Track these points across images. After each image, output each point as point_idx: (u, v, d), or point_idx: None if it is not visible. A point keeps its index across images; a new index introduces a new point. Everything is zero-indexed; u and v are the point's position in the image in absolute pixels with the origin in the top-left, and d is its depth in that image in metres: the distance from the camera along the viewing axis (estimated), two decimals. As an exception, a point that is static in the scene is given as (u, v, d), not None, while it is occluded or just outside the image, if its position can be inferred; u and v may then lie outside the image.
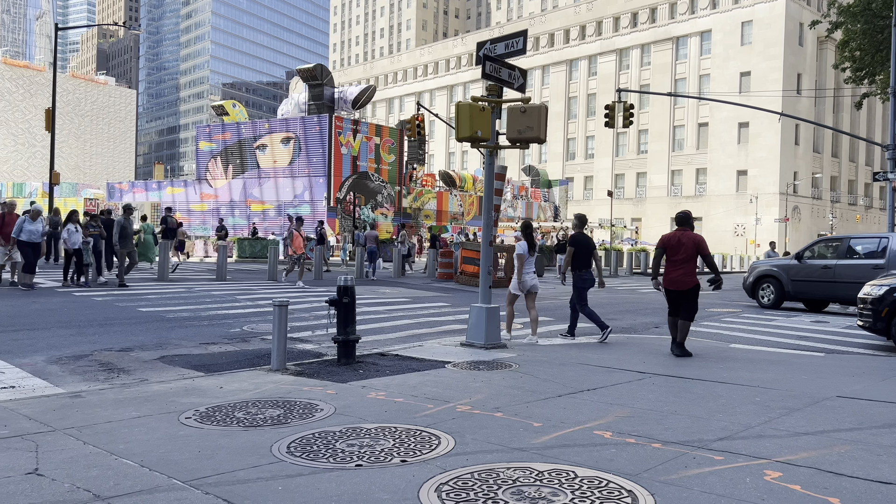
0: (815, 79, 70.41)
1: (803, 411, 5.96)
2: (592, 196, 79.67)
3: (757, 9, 67.74)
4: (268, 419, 5.30)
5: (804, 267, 16.61)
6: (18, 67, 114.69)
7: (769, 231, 63.51)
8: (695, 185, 72.70)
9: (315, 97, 42.29)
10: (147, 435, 4.82)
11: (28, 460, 4.20)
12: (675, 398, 6.39)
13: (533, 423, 5.34)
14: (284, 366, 7.38)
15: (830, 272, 15.97)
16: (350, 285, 7.96)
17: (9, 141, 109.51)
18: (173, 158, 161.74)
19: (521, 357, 8.58)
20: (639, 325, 13.32)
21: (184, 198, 43.78)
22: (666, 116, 74.26)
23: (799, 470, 4.28)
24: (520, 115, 9.21)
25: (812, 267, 16.45)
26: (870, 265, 15.22)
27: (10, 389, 6.43)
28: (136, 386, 6.52)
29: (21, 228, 14.86)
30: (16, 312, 11.52)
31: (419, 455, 4.44)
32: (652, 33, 75.79)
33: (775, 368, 8.38)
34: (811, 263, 16.54)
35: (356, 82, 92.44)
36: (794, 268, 16.83)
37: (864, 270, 15.20)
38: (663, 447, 4.74)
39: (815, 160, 72.44)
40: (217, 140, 43.33)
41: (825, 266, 16.13)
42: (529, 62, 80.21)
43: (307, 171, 39.14)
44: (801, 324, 14.21)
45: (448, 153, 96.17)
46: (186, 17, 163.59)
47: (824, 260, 16.35)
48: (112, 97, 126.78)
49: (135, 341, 9.28)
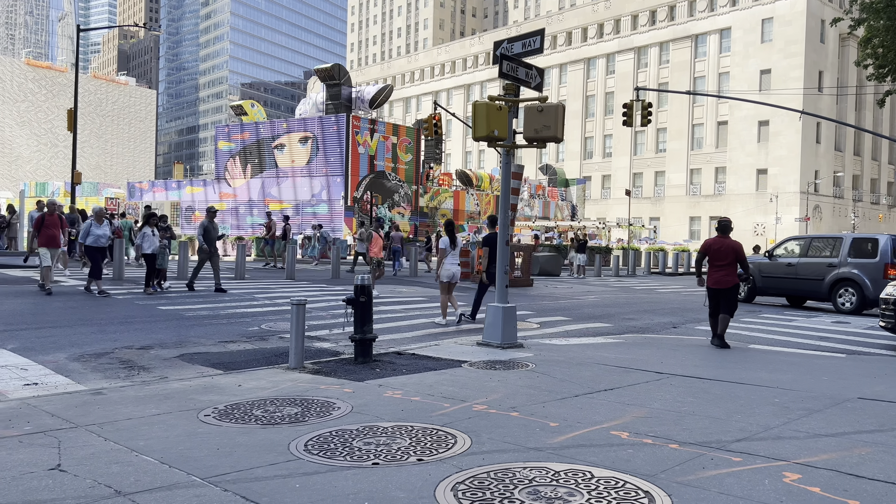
0: (836, 76, 69.53)
1: (823, 413, 5.90)
2: (610, 195, 79.26)
3: (778, 6, 67.01)
4: (285, 417, 5.34)
5: (772, 264, 17.73)
6: (41, 68, 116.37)
7: (789, 230, 62.84)
8: (714, 184, 72.09)
9: (333, 97, 42.45)
10: (167, 432, 4.88)
11: (51, 456, 4.27)
12: (692, 399, 6.35)
13: (549, 422, 5.34)
14: (302, 364, 7.43)
15: (793, 269, 17.24)
16: (367, 284, 7.99)
17: (32, 141, 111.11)
18: (193, 158, 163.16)
19: (538, 357, 8.57)
20: (656, 325, 13.25)
21: (203, 197, 44.14)
22: (685, 115, 73.69)
23: (818, 472, 4.24)
24: (537, 114, 9.19)
25: (779, 265, 17.59)
26: (825, 263, 16.68)
27: (34, 386, 6.53)
28: (155, 383, 6.59)
29: (88, 233, 14.21)
30: (38, 310, 11.70)
31: (435, 454, 4.46)
32: (671, 31, 75.23)
33: (795, 369, 8.30)
34: (779, 261, 17.63)
35: (373, 82, 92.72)
36: (764, 265, 17.91)
37: (820, 268, 16.75)
38: (680, 448, 4.72)
39: (837, 159, 71.54)
40: (236, 140, 43.64)
41: (789, 264, 17.37)
42: (546, 61, 79.96)
43: (325, 171, 39.31)
44: (821, 324, 14.06)
45: (465, 152, 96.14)
46: (206, 18, 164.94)
47: (789, 258, 17.56)
48: (132, 97, 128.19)
49: (155, 339, 9.39)
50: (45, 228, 14.07)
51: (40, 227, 14.10)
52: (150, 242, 14.80)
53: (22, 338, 8.98)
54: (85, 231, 14.26)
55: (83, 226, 14.54)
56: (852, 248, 16.47)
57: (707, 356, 9.26)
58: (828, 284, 16.54)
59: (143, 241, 14.84)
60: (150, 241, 14.79)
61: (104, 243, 14.45)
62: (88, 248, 14.21)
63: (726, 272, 9.98)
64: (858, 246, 16.44)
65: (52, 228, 14.12)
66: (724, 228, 10.19)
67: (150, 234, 14.81)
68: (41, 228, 14.09)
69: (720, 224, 10.30)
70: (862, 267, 16.02)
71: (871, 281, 15.70)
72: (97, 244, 14.21)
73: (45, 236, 14.08)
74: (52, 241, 14.13)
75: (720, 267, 10.00)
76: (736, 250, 9.98)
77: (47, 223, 14.09)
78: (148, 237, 14.81)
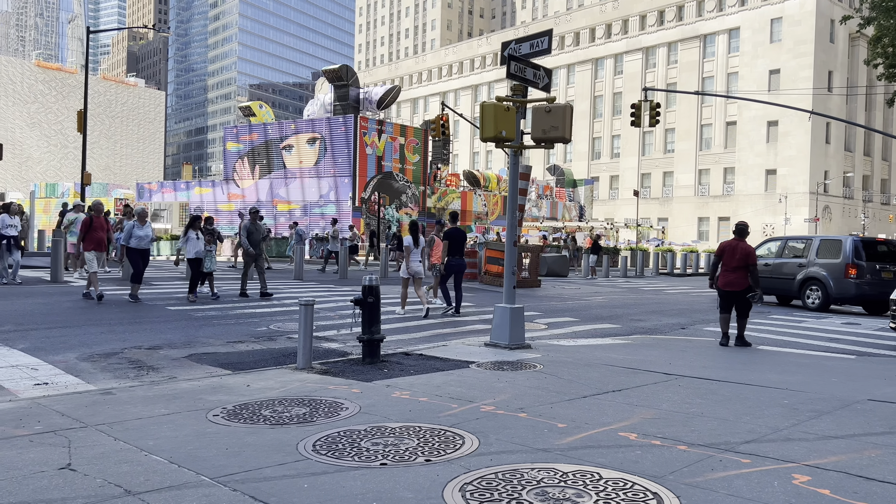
0: (846, 76, 69.16)
1: (833, 414, 5.87)
2: (618, 195, 79.08)
3: (787, 5, 66.71)
4: (294, 417, 5.36)
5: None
6: (51, 70, 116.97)
7: (799, 231, 62.52)
8: (722, 185, 71.80)
9: (340, 98, 42.51)
10: (175, 432, 4.90)
11: (61, 455, 4.30)
12: (701, 400, 6.33)
13: (557, 423, 5.33)
14: (310, 364, 7.45)
15: (769, 269, 17.92)
16: (375, 285, 8.01)
17: (42, 142, 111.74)
18: (201, 159, 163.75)
19: (546, 358, 8.56)
20: (664, 326, 13.21)
21: (211, 198, 44.30)
22: (693, 115, 73.45)
23: (828, 474, 4.22)
24: (545, 114, 9.18)
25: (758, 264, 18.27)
26: (796, 263, 17.58)
27: (44, 386, 6.57)
28: (164, 383, 6.63)
29: (131, 234, 13.48)
30: (48, 310, 11.77)
31: (443, 455, 4.46)
32: (679, 31, 75.00)
33: (804, 371, 8.26)
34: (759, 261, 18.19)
35: (381, 83, 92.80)
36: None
37: (792, 267, 17.76)
38: (689, 449, 4.70)
39: (847, 159, 71.14)
40: (244, 141, 43.77)
41: (766, 264, 17.98)
42: (554, 61, 79.86)
43: (333, 172, 39.37)
44: (831, 325, 13.99)
45: (472, 153, 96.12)
46: (214, 20, 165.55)
47: (766, 258, 18.29)
48: (142, 99, 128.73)
49: (163, 339, 9.43)
50: (91, 231, 13.42)
51: (87, 230, 13.41)
52: (194, 246, 14.09)
53: (32, 338, 9.04)
54: (128, 233, 13.56)
55: (125, 227, 13.87)
56: (820, 249, 17.34)
57: (715, 357, 9.23)
58: (798, 283, 17.50)
59: (186, 244, 14.16)
60: (193, 244, 14.10)
61: (146, 245, 13.78)
62: (130, 251, 13.51)
63: (738, 275, 10.12)
64: (826, 247, 17.32)
65: (99, 231, 13.48)
66: (741, 232, 10.38)
67: (193, 238, 14.13)
68: (88, 231, 13.42)
69: (737, 227, 10.49)
70: (827, 267, 16.91)
71: (833, 280, 16.69)
72: (140, 246, 13.59)
73: (93, 240, 13.48)
74: (99, 244, 13.58)
75: (732, 270, 10.14)
76: (748, 254, 10.10)
77: (94, 226, 13.44)
78: (192, 241, 14.12)
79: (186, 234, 14.32)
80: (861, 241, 16.98)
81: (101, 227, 13.54)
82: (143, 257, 13.60)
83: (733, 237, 10.45)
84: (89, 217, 13.56)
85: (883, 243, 17.67)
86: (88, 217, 13.59)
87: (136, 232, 13.49)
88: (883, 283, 15.98)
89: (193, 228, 14.29)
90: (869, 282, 16.25)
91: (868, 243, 17.09)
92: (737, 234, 10.42)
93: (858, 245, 16.67)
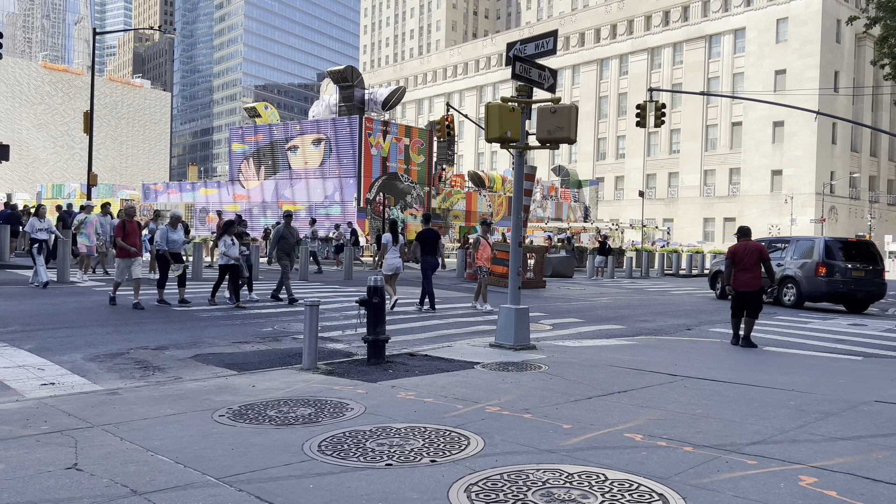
0: (852, 76, 68.90)
1: (839, 416, 5.84)
2: (623, 196, 78.94)
3: (793, 6, 66.52)
4: (299, 418, 5.36)
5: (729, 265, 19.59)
6: (58, 71, 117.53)
7: (805, 232, 62.30)
8: (728, 185, 71.62)
9: (345, 99, 42.57)
10: (181, 432, 4.91)
11: (68, 455, 4.32)
12: (707, 401, 6.32)
13: (563, 424, 5.32)
14: (315, 365, 7.45)
15: None
16: (380, 285, 8.01)
17: (48, 143, 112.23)
18: (207, 160, 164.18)
19: (551, 359, 8.55)
20: (670, 327, 13.18)
21: (217, 199, 44.42)
22: (698, 116, 73.29)
23: (835, 476, 4.21)
24: (550, 115, 9.18)
25: None
26: (776, 262, 17.64)
27: (51, 386, 6.60)
28: (170, 384, 6.64)
29: (166, 238, 13.16)
30: (55, 311, 11.81)
31: (448, 455, 4.46)
32: (684, 31, 74.85)
33: (811, 372, 8.23)
34: None
35: (386, 83, 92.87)
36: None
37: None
38: (695, 451, 4.69)
39: (853, 159, 70.88)
40: (249, 142, 43.87)
41: None
42: (560, 62, 79.80)
43: (338, 172, 39.42)
44: (837, 326, 13.94)
45: (477, 154, 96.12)
46: (220, 21, 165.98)
47: None
48: (147, 100, 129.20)
49: (169, 340, 9.45)
50: (125, 237, 12.67)
51: (122, 234, 12.64)
52: (232, 252, 13.52)
53: (39, 338, 9.07)
54: (162, 236, 13.22)
55: (159, 231, 13.52)
56: (797, 250, 18.22)
57: (721, 358, 9.21)
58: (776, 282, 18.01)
59: (226, 250, 13.52)
60: (231, 250, 13.52)
61: (179, 249, 13.42)
62: (161, 255, 13.15)
63: (753, 274, 10.27)
64: (802, 247, 18.19)
65: (133, 237, 12.72)
66: (744, 233, 10.64)
67: (229, 243, 13.57)
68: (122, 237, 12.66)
69: (740, 230, 10.74)
70: (801, 266, 17.81)
71: (806, 279, 17.63)
72: (174, 250, 13.24)
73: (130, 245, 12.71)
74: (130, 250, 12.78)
75: (747, 269, 10.31)
76: (760, 251, 10.29)
77: (128, 231, 12.65)
78: (229, 246, 13.52)
79: (222, 238, 13.77)
80: (832, 241, 17.95)
81: (135, 231, 12.82)
82: (178, 261, 13.34)
83: (740, 240, 10.60)
84: (122, 222, 12.81)
85: (855, 244, 18.32)
86: (122, 222, 12.83)
87: (170, 236, 13.22)
88: (854, 280, 17.02)
89: (228, 233, 13.71)
90: (840, 280, 17.09)
91: (840, 243, 17.95)
92: (742, 236, 10.60)
93: (830, 245, 17.60)
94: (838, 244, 17.85)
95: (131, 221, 12.84)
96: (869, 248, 17.96)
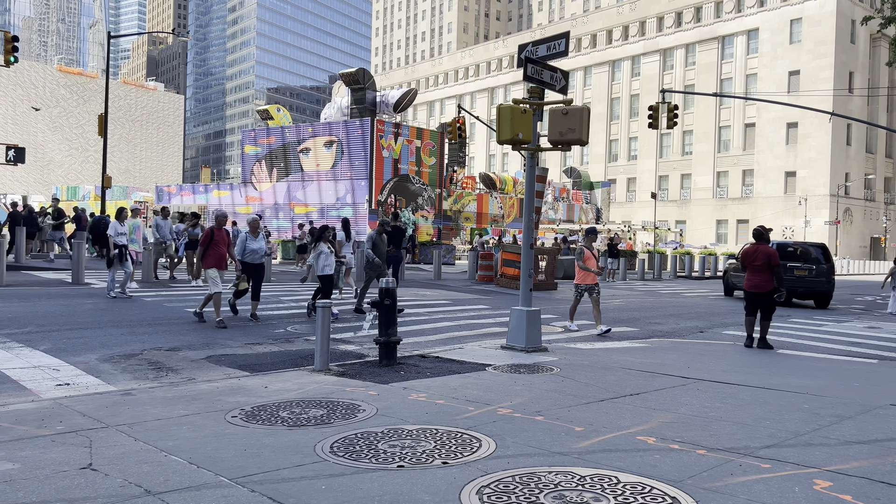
0: (867, 77, 68.34)
1: (854, 419, 5.79)
2: (635, 198, 78.65)
3: (807, 6, 66.07)
4: (311, 419, 5.38)
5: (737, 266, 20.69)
6: (73, 74, 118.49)
7: (819, 234, 61.84)
8: (741, 187, 71.19)
9: (357, 101, 42.65)
10: (195, 433, 4.94)
11: (82, 455, 4.35)
12: (720, 404, 6.28)
13: (574, 427, 5.31)
14: (327, 366, 7.47)
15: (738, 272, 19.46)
16: (392, 287, 8.03)
17: (63, 146, 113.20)
18: (219, 162, 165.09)
19: (563, 361, 8.53)
20: (682, 330, 13.11)
21: (230, 200, 44.62)
22: (711, 117, 72.91)
23: (850, 480, 4.17)
24: (562, 116, 9.16)
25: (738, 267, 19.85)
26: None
27: (66, 386, 6.66)
28: (184, 385, 6.68)
29: (244, 247, 12.13)
30: (70, 312, 11.91)
31: (460, 457, 4.46)
32: (697, 33, 74.52)
33: (825, 375, 8.16)
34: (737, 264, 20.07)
35: (398, 85, 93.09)
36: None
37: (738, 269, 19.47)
38: (708, 454, 4.66)
39: (868, 161, 70.27)
40: (262, 144, 44.06)
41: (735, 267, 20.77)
42: (571, 63, 79.65)
43: (349, 174, 39.52)
44: (852, 329, 13.82)
45: (488, 155, 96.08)
46: (232, 24, 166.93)
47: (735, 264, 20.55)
48: (161, 103, 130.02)
49: (182, 341, 9.51)
50: (213, 246, 11.37)
51: (208, 244, 11.42)
52: (326, 261, 12.37)
53: (54, 339, 9.15)
54: (241, 245, 12.21)
55: (238, 239, 12.60)
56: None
57: (734, 361, 9.15)
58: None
59: (318, 259, 12.43)
60: (326, 259, 12.37)
61: (260, 260, 12.36)
62: (245, 265, 12.12)
63: (764, 277, 10.34)
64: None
65: (221, 246, 11.50)
66: (759, 235, 10.65)
67: (326, 251, 12.42)
68: (209, 246, 11.41)
69: (755, 231, 10.76)
70: None
71: None
72: (254, 261, 12.23)
73: (215, 256, 11.49)
74: (221, 261, 11.63)
75: (756, 272, 10.41)
76: (769, 256, 10.31)
77: (216, 240, 11.40)
78: (324, 255, 12.39)
79: (317, 246, 12.56)
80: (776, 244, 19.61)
81: (223, 241, 11.54)
82: (256, 272, 12.26)
83: (754, 242, 10.65)
84: (210, 230, 11.61)
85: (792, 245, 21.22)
86: (210, 230, 11.63)
87: (249, 245, 12.18)
88: (796, 279, 19.00)
89: (323, 241, 12.57)
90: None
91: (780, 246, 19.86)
92: (756, 239, 10.63)
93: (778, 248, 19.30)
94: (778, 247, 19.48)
95: (220, 230, 11.57)
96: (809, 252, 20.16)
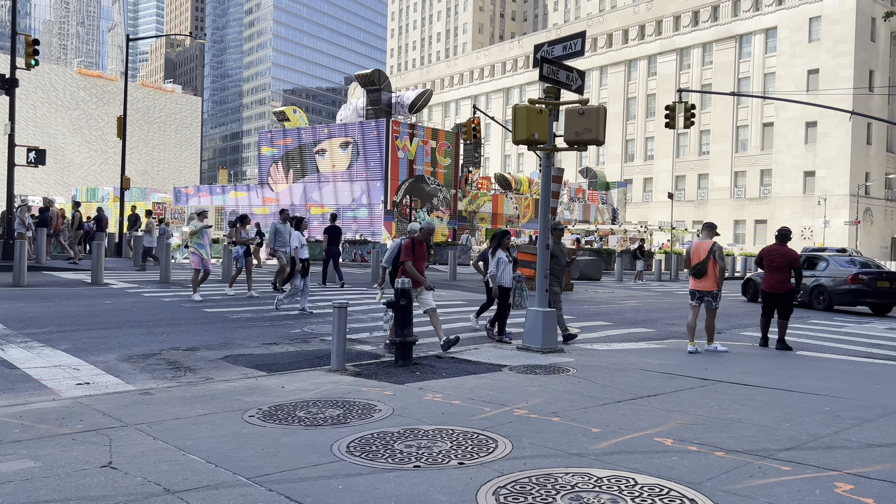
0: (888, 75, 67.43)
1: (876, 422, 5.72)
2: (652, 198, 78.18)
3: (826, 4, 65.32)
4: (328, 419, 5.40)
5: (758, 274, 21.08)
6: (92, 77, 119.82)
7: (838, 234, 61.12)
8: (759, 187, 70.50)
9: (373, 102, 42.78)
10: (213, 432, 4.98)
11: (102, 454, 4.40)
12: (738, 406, 6.22)
13: (591, 428, 5.29)
14: (343, 366, 7.50)
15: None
16: (407, 288, 8.04)
17: (83, 147, 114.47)
18: (236, 163, 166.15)
19: (579, 362, 8.49)
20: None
21: (246, 201, 44.92)
22: (729, 116, 72.29)
23: (872, 483, 4.12)
24: (578, 116, 9.13)
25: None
26: None
27: (85, 386, 6.73)
28: (202, 384, 6.73)
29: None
30: (90, 312, 12.04)
31: (476, 458, 4.45)
32: (714, 31, 73.91)
33: (846, 377, 8.07)
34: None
35: (413, 86, 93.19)
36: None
37: None
38: (727, 456, 4.63)
39: (889, 160, 69.33)
40: (278, 145, 44.31)
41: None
42: (587, 63, 79.31)
43: (365, 175, 39.63)
44: (873, 331, 13.64)
45: (504, 156, 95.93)
46: (249, 26, 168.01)
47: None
48: (178, 104, 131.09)
49: (200, 341, 9.58)
50: (416, 261, 9.33)
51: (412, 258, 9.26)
52: (506, 272, 10.98)
53: (74, 339, 9.26)
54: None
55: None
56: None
57: (753, 362, 9.06)
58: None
59: (498, 269, 10.95)
60: (505, 269, 10.97)
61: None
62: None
63: (781, 277, 10.41)
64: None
65: (421, 262, 9.51)
66: (783, 236, 10.69)
67: (504, 260, 10.98)
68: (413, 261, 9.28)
69: (779, 232, 10.82)
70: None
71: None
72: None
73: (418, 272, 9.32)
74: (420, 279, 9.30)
75: (775, 272, 10.47)
76: (790, 258, 10.38)
77: (418, 255, 9.38)
78: (503, 264, 10.95)
79: (496, 254, 11.04)
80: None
81: (423, 256, 9.55)
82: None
83: (776, 242, 10.69)
84: (411, 241, 9.40)
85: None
86: (410, 241, 9.41)
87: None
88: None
89: (502, 248, 11.05)
90: None
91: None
92: (778, 239, 10.66)
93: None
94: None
95: (422, 245, 9.48)
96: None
